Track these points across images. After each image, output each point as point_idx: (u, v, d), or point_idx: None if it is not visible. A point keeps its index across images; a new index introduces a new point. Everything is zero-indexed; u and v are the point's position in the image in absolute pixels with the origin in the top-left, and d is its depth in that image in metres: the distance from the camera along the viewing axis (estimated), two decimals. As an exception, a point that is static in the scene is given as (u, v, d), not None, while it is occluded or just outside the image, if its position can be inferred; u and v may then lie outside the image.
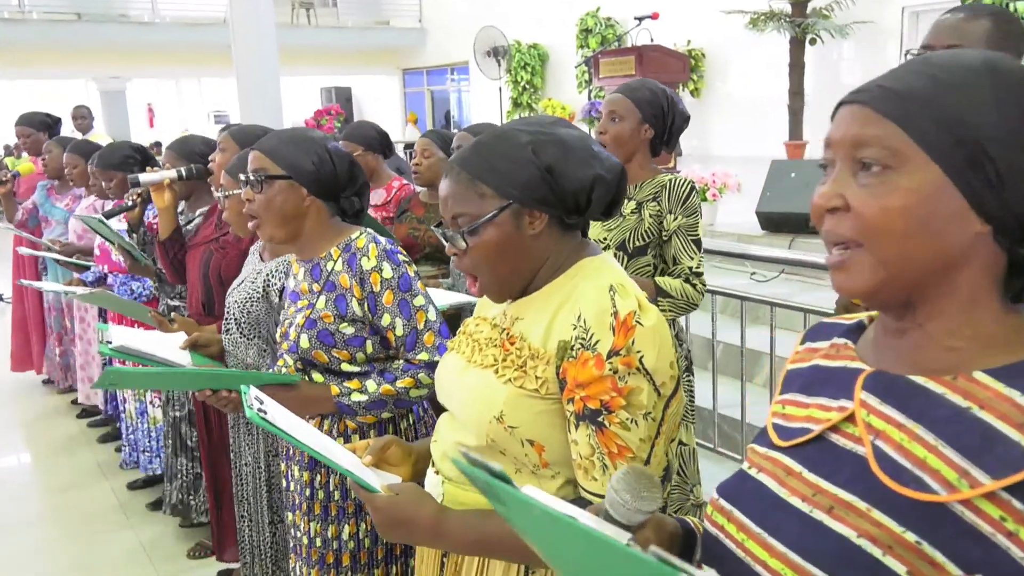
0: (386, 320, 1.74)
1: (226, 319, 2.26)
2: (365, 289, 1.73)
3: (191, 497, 3.21)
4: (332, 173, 1.79)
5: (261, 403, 1.30)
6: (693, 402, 2.58)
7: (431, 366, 1.72)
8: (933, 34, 1.75)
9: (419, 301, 1.76)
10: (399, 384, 1.74)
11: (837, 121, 0.76)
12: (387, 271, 1.73)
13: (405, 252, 1.81)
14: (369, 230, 1.83)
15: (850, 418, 0.77)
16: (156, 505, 3.56)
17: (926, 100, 0.71)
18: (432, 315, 1.77)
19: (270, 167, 1.77)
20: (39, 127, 5.00)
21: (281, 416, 1.31)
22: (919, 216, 0.70)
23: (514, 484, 0.76)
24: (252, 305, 2.18)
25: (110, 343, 1.97)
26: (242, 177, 1.80)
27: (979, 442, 0.67)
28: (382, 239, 1.79)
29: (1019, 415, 0.66)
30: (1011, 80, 0.71)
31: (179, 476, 3.20)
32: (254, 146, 1.82)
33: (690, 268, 2.29)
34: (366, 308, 1.74)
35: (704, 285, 2.32)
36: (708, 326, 3.61)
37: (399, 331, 1.75)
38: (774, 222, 5.69)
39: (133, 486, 3.80)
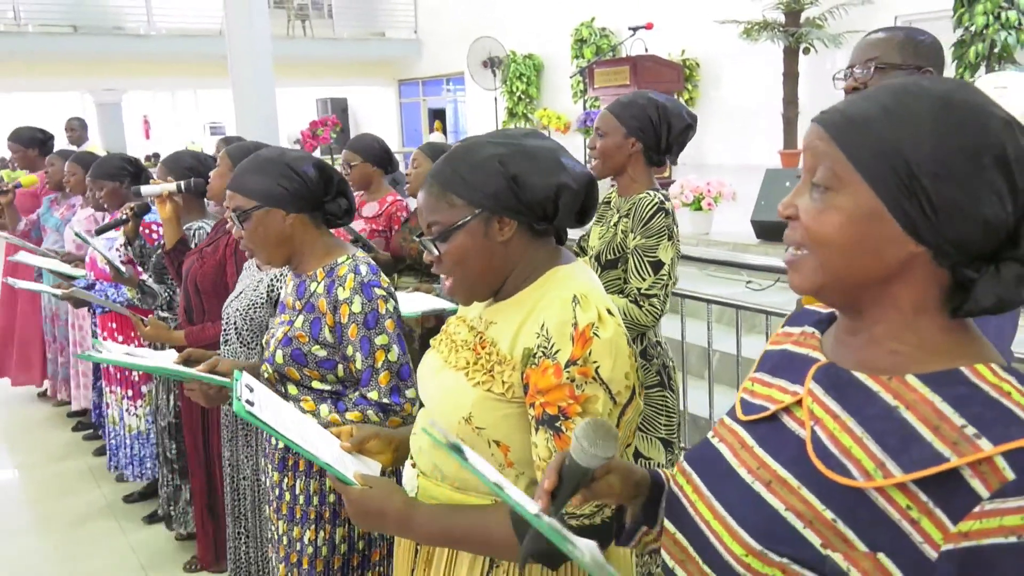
0: (349, 351, 1.76)
1: (225, 330, 2.27)
2: (335, 318, 1.76)
3: (171, 508, 3.31)
4: (302, 185, 1.81)
5: (251, 391, 1.37)
6: (672, 419, 2.35)
7: (381, 407, 1.73)
8: (853, 55, 1.81)
9: (381, 340, 1.75)
10: (348, 416, 1.73)
11: (805, 136, 0.84)
12: (356, 305, 1.75)
13: (386, 285, 1.81)
14: (357, 255, 1.84)
15: (799, 403, 0.86)
16: (151, 518, 3.58)
17: (871, 129, 0.77)
18: (394, 356, 1.76)
19: (243, 202, 1.81)
20: (28, 143, 5.01)
21: (267, 404, 1.38)
22: (852, 234, 0.78)
23: (465, 454, 0.97)
24: (255, 312, 2.21)
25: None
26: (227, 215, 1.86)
27: (899, 440, 0.75)
28: (364, 268, 1.79)
29: (935, 418, 0.74)
30: (959, 115, 0.75)
31: (165, 487, 3.32)
32: (227, 185, 1.87)
33: (639, 290, 2.22)
34: (335, 336, 1.77)
35: (655, 308, 2.21)
36: (704, 335, 3.61)
37: (358, 364, 1.76)
38: (769, 231, 5.70)
39: (129, 499, 3.79)
